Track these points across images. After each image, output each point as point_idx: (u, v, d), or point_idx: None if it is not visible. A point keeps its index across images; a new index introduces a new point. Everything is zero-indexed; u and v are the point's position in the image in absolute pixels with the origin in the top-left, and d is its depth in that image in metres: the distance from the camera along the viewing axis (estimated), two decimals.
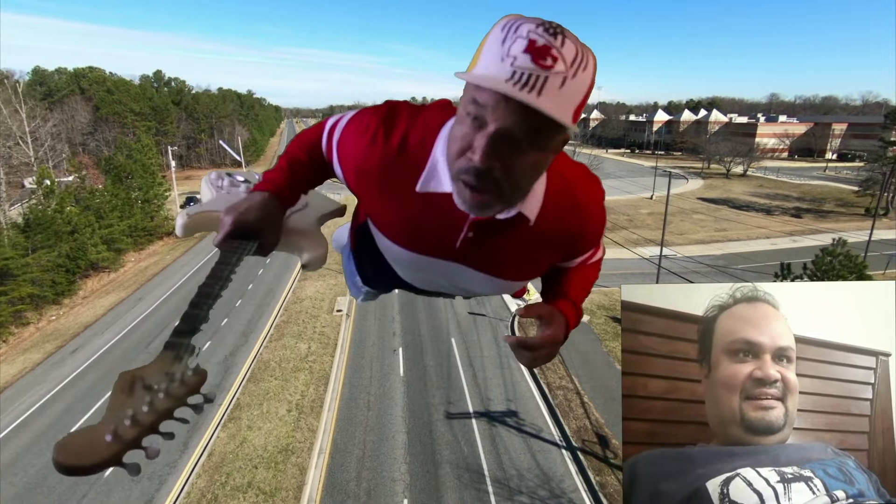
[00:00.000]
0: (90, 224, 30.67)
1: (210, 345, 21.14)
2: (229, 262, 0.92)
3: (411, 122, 0.98)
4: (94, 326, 23.86)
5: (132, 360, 20.12)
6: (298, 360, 19.60)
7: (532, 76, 0.72)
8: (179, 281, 29.44)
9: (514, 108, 0.74)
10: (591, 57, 0.80)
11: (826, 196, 57.07)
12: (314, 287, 27.55)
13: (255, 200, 1.03)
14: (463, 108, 0.82)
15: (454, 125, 0.86)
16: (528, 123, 0.75)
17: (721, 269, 31.43)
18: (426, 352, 20.22)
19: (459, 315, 23.63)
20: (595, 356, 19.51)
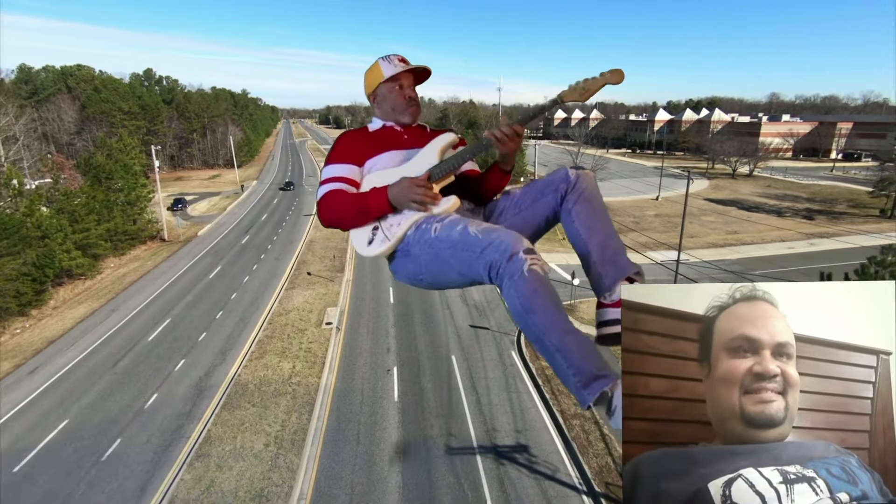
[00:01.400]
0: (62, 228, 28.52)
1: (184, 364, 19.04)
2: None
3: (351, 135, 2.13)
4: (60, 342, 21.72)
5: (96, 382, 18.02)
6: (281, 383, 17.51)
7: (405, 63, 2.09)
8: (157, 290, 27.30)
9: (409, 74, 2.10)
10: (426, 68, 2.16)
11: (837, 197, 55.23)
12: (303, 296, 25.45)
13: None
14: (389, 90, 2.08)
15: (388, 97, 2.10)
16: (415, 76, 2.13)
17: (739, 274, 29.49)
18: (424, 371, 18.16)
19: (460, 328, 21.58)
20: None
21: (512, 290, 1.47)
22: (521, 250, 1.48)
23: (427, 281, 1.86)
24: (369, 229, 1.89)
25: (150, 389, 17.39)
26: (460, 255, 1.62)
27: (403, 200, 1.81)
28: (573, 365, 1.42)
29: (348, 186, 1.94)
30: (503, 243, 1.51)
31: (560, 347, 1.43)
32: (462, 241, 1.63)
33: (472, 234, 1.61)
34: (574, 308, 23.45)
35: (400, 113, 2.08)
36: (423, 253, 1.77)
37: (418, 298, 24.97)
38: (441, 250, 1.70)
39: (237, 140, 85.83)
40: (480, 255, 1.55)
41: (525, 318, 1.47)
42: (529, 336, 1.49)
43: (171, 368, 18.76)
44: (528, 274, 1.44)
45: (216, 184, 67.50)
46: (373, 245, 1.87)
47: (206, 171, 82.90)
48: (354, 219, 1.89)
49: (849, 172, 73.45)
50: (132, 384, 17.83)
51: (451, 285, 1.82)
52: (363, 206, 1.86)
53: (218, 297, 25.78)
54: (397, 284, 26.96)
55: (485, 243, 1.55)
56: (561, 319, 1.45)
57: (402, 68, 2.04)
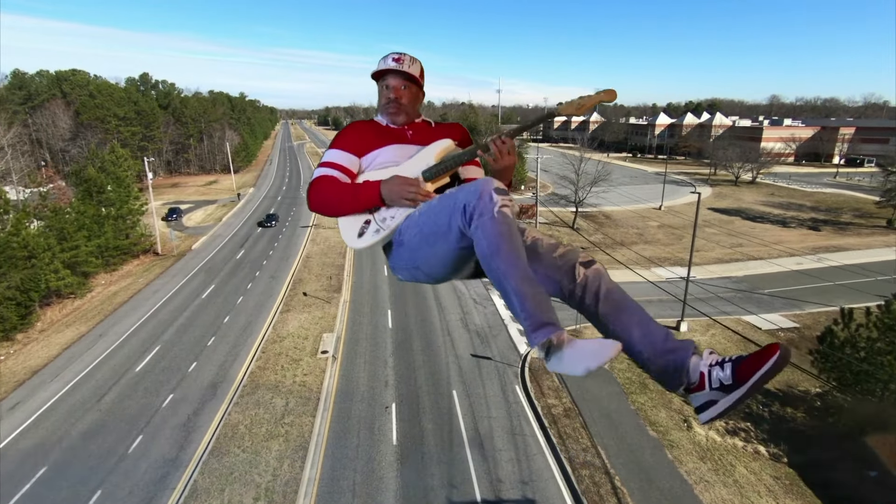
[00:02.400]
0: (50, 247, 27.59)
1: (172, 399, 18.16)
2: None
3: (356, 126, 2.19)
4: (44, 372, 20.82)
5: (79, 420, 17.13)
6: (273, 423, 16.63)
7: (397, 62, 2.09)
8: (148, 312, 26.40)
9: (397, 75, 2.11)
10: (419, 61, 2.16)
11: (842, 206, 54.48)
12: (298, 321, 24.56)
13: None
14: (379, 89, 2.15)
15: (378, 95, 2.17)
16: (404, 78, 2.11)
17: (747, 293, 28.64)
18: (424, 409, 17.29)
19: (461, 357, 20.72)
20: (622, 416, 16.62)
21: (479, 230, 1.51)
22: (491, 189, 1.53)
23: (423, 270, 1.86)
24: (360, 222, 1.92)
25: (136, 430, 16.50)
26: (440, 216, 1.65)
27: (395, 198, 1.85)
28: (526, 309, 1.46)
29: (342, 175, 1.98)
30: (475, 184, 1.57)
31: (517, 291, 1.47)
32: (439, 203, 1.69)
33: (447, 194, 1.68)
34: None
35: (380, 111, 2.16)
36: (413, 235, 1.80)
37: (418, 323, 24.11)
38: (424, 222, 1.74)
39: (234, 145, 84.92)
40: (454, 204, 1.58)
41: (488, 260, 1.51)
42: (489, 275, 1.53)
43: (159, 404, 17.87)
44: (498, 215, 1.49)
45: (212, 191, 66.58)
46: (364, 237, 1.90)
47: (203, 176, 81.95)
48: (342, 207, 1.91)
49: (852, 179, 72.76)
50: (117, 423, 16.93)
51: (446, 266, 1.79)
52: (354, 196, 1.89)
53: (210, 321, 24.89)
54: (396, 307, 26.09)
55: (458, 192, 1.60)
56: (522, 264, 1.49)
57: (385, 66, 2.08)
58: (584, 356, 1.38)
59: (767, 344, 1.48)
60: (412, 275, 1.93)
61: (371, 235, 1.89)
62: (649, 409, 17.03)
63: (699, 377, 1.57)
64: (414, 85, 2.14)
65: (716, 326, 24.26)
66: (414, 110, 2.19)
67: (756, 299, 27.96)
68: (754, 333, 23.59)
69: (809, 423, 17.66)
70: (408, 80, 2.11)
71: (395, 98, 2.09)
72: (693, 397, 1.61)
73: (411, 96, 2.14)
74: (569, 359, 1.40)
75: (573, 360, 1.39)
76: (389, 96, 2.09)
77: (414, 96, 2.15)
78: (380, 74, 2.11)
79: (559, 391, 18.00)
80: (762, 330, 24.06)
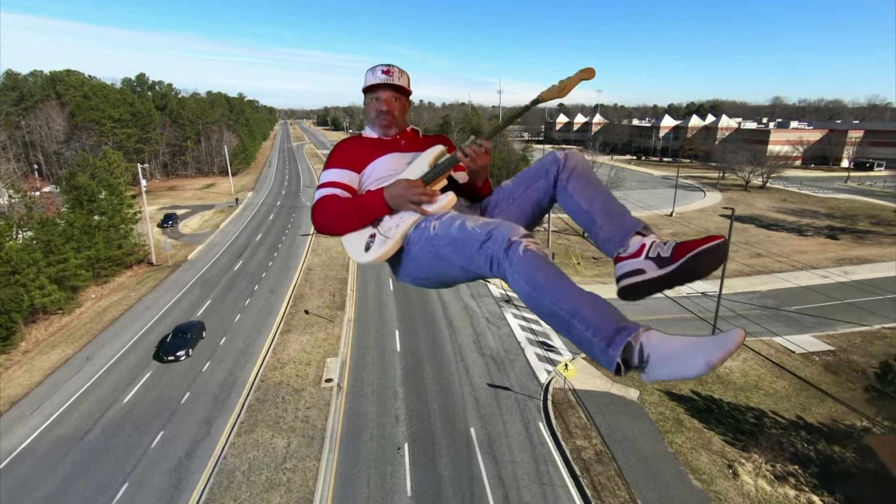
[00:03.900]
0: (35, 262, 25.93)
1: (162, 438, 16.52)
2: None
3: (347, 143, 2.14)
4: (24, 403, 19.16)
5: (59, 464, 15.49)
6: (274, 468, 15.00)
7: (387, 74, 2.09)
8: (139, 332, 24.75)
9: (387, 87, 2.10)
10: (406, 72, 2.17)
11: (857, 212, 53.00)
12: (299, 343, 22.93)
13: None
14: (368, 101, 2.14)
15: (367, 107, 2.16)
16: (394, 90, 2.11)
17: (774, 310, 27.07)
18: (439, 451, 15.68)
19: (477, 387, 19.12)
20: (660, 461, 15.03)
21: (516, 274, 1.47)
22: (514, 237, 1.51)
23: (432, 279, 1.85)
24: (366, 236, 1.89)
25: (121, 475, 14.87)
26: (461, 250, 1.64)
27: (401, 201, 1.83)
28: (591, 325, 1.33)
29: (344, 192, 1.96)
30: (500, 234, 1.53)
31: (574, 311, 1.37)
32: (461, 237, 1.65)
33: (469, 230, 1.63)
34: None
35: (371, 123, 2.16)
36: (424, 251, 1.78)
37: (428, 346, 22.51)
38: (441, 247, 1.71)
39: (232, 147, 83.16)
40: (480, 250, 1.57)
41: (534, 295, 1.45)
42: (543, 315, 1.45)
43: (148, 444, 16.23)
44: (525, 254, 1.47)
45: (210, 195, 64.90)
46: (371, 250, 1.86)
47: (201, 179, 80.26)
48: (350, 221, 1.89)
49: (864, 183, 71.33)
50: (100, 467, 15.30)
51: (455, 281, 1.82)
52: (360, 208, 1.88)
53: (205, 343, 23.23)
54: (404, 327, 24.48)
55: (483, 237, 1.57)
56: (569, 285, 1.42)
57: (377, 80, 2.09)
58: (695, 349, 1.18)
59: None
60: (417, 282, 1.91)
61: (378, 247, 1.85)
62: (689, 452, 15.45)
63: (639, 247, 1.58)
64: (403, 96, 2.16)
65: (747, 349, 22.68)
66: (404, 121, 2.19)
67: (784, 317, 26.41)
68: (787, 358, 22.04)
69: (861, 465, 16.10)
70: (398, 91, 2.13)
71: (388, 111, 2.10)
72: (620, 265, 1.60)
73: (402, 108, 2.16)
74: (677, 356, 1.18)
75: (683, 356, 1.18)
76: (381, 109, 2.10)
77: (403, 107, 2.17)
78: (370, 87, 2.11)
79: (587, 430, 16.42)
80: (795, 354, 22.50)
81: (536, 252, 1.48)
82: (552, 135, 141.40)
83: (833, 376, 21.01)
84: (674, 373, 1.18)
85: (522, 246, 1.47)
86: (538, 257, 1.47)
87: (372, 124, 2.14)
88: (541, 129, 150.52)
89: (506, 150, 69.72)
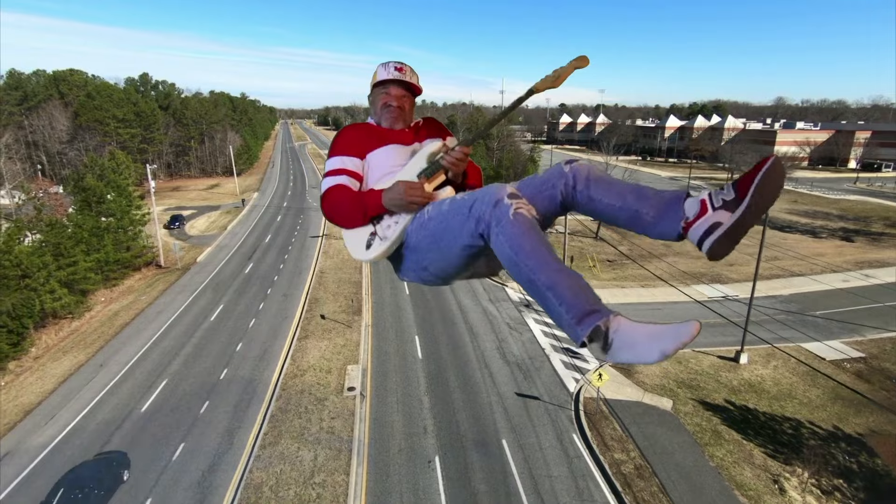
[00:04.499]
0: (45, 266, 25.37)
1: (183, 450, 15.96)
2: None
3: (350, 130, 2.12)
4: (38, 412, 18.61)
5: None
6: (302, 483, 14.45)
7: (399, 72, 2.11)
8: (152, 337, 24.18)
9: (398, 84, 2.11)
10: (416, 73, 2.19)
11: (870, 214, 52.52)
12: (318, 349, 22.37)
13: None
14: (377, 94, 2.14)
15: (375, 100, 2.17)
16: (405, 88, 2.13)
17: (799, 315, 26.54)
18: (472, 464, 15.14)
19: (505, 396, 18.58)
20: (702, 475, 14.49)
21: (500, 235, 1.48)
22: (504, 196, 1.52)
23: (432, 270, 1.84)
24: (366, 234, 1.92)
25: (142, 492, 14.31)
26: (452, 221, 1.65)
27: (401, 204, 1.83)
28: (565, 301, 1.37)
29: (351, 180, 1.98)
30: (488, 193, 1.55)
31: (550, 285, 1.40)
32: (451, 209, 1.68)
33: (458, 199, 1.68)
34: (631, 366, 20.51)
35: (378, 116, 2.16)
36: (422, 238, 1.79)
37: (450, 352, 21.96)
38: (435, 226, 1.73)
39: (236, 147, 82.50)
40: (469, 213, 1.57)
41: (515, 260, 1.46)
42: (520, 279, 1.47)
43: (169, 457, 15.68)
44: (514, 217, 1.47)
45: (215, 195, 64.32)
46: (372, 248, 1.89)
47: (205, 179, 79.69)
48: (353, 217, 1.92)
49: (873, 185, 70.85)
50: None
51: (456, 269, 1.79)
52: (362, 206, 1.89)
53: (221, 349, 22.68)
54: (424, 332, 23.93)
55: (471, 200, 1.59)
56: (551, 258, 1.44)
57: (390, 76, 2.11)
58: (654, 338, 1.26)
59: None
60: (419, 276, 1.92)
61: (378, 245, 1.88)
62: (731, 466, 14.91)
63: (699, 206, 1.51)
64: (412, 96, 2.19)
65: (776, 356, 22.19)
66: (411, 117, 2.21)
67: (810, 322, 25.88)
68: (818, 366, 21.50)
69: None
70: (408, 90, 2.15)
71: (398, 106, 2.12)
72: (694, 230, 1.49)
73: (410, 105, 2.18)
74: (640, 343, 1.27)
75: (642, 343, 1.27)
76: (391, 103, 2.12)
77: (411, 105, 2.20)
78: (382, 82, 2.13)
79: (624, 442, 15.88)
80: (827, 360, 21.97)
81: (526, 217, 1.48)
82: (555, 135, 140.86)
83: (867, 384, 20.49)
84: (633, 358, 1.27)
85: (513, 209, 1.48)
86: (527, 223, 1.47)
87: (378, 117, 2.16)
88: (543, 129, 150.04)
89: (513, 150, 69.25)
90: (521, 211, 1.48)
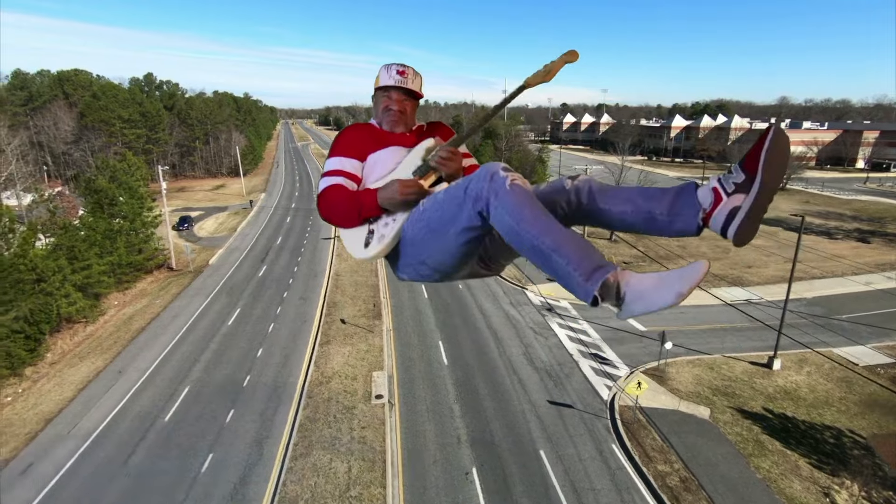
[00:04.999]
0: (60, 269, 24.91)
1: (212, 461, 15.53)
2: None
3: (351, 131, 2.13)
4: (58, 421, 18.16)
5: (103, 491, 14.48)
6: (338, 497, 14.01)
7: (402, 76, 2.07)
8: (170, 343, 23.73)
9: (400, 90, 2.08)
10: (420, 75, 2.15)
11: (884, 215, 52.13)
12: (342, 355, 21.93)
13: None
14: (379, 97, 2.12)
15: (377, 103, 2.15)
16: (406, 93, 2.09)
17: (825, 318, 26.10)
18: (511, 477, 14.71)
19: (537, 405, 18.14)
20: (750, 488, 14.06)
21: (499, 207, 1.48)
22: (499, 169, 1.53)
23: (430, 264, 1.81)
24: (364, 233, 1.91)
25: None
26: (448, 207, 1.64)
27: (397, 201, 1.82)
28: (572, 261, 1.37)
29: (348, 181, 1.97)
30: (481, 171, 1.55)
31: (555, 247, 1.40)
32: (446, 196, 1.67)
33: (452, 186, 1.68)
34: (663, 372, 20.08)
35: (380, 119, 2.15)
36: (418, 230, 1.78)
37: (476, 358, 21.53)
38: (431, 216, 1.72)
39: (241, 147, 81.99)
40: (465, 195, 1.57)
41: (517, 230, 1.46)
42: (524, 250, 1.47)
43: (197, 469, 15.24)
44: (511, 188, 1.48)
45: (222, 196, 63.86)
46: (370, 246, 1.88)
47: (210, 180, 79.25)
48: (349, 217, 1.91)
49: (884, 185, 70.45)
50: (149, 496, 14.30)
51: (455, 262, 1.76)
52: (358, 205, 1.89)
53: (241, 355, 22.25)
54: (447, 337, 23.49)
55: (465, 183, 1.59)
56: (552, 223, 1.45)
57: (391, 82, 2.09)
58: (665, 283, 1.26)
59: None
60: (417, 271, 1.89)
61: (377, 243, 1.87)
62: (778, 478, 14.49)
63: (713, 194, 1.49)
64: (414, 99, 2.17)
65: (808, 361, 21.77)
66: (412, 120, 2.20)
67: (837, 327, 25.45)
68: (851, 372, 21.07)
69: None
70: (410, 95, 2.13)
71: (399, 110, 2.10)
72: (714, 219, 1.47)
73: (412, 109, 2.17)
74: (651, 291, 1.27)
75: (655, 291, 1.27)
76: (392, 107, 2.10)
77: (413, 108, 2.19)
78: (384, 86, 2.12)
79: (666, 452, 15.45)
80: (859, 367, 21.54)
81: (523, 187, 1.50)
82: (559, 135, 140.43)
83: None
84: (648, 307, 1.26)
85: (509, 180, 1.49)
86: (525, 192, 1.48)
87: (380, 119, 2.15)
88: (546, 129, 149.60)
89: (521, 151, 68.85)
90: (517, 182, 1.49)
